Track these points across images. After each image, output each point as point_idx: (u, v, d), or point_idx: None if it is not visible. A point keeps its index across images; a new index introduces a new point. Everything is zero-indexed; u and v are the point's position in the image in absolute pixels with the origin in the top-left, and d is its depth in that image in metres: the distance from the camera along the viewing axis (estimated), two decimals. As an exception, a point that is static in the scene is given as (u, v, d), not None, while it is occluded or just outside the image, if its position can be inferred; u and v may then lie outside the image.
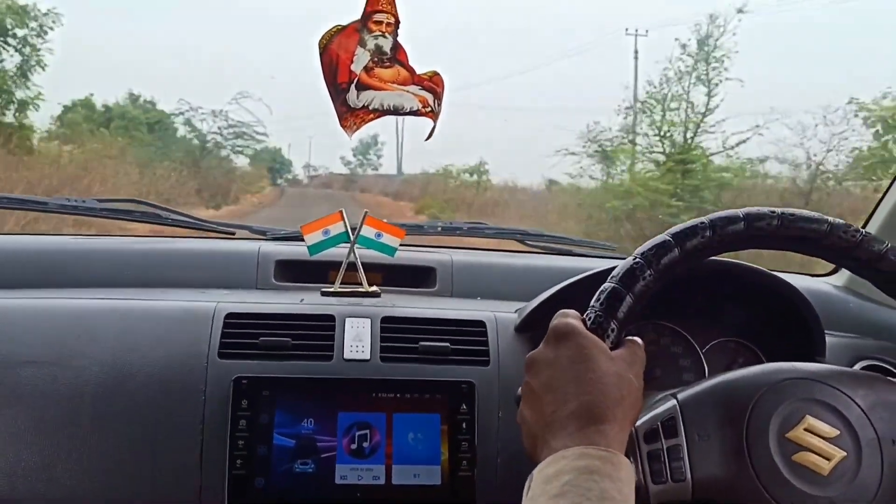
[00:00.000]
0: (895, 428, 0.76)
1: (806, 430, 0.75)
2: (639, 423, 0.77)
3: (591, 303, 0.77)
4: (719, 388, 0.80)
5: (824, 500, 0.72)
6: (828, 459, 0.74)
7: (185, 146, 15.80)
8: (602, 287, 0.78)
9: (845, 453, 0.74)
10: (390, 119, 1.19)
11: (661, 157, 10.96)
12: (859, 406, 0.77)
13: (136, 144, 14.35)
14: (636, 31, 15.44)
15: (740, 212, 0.80)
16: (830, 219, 0.80)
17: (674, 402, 0.79)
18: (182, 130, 16.35)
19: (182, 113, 15.61)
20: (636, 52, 14.77)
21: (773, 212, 0.79)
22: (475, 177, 17.26)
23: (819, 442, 0.75)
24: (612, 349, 0.74)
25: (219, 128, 15.98)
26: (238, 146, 16.60)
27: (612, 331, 0.75)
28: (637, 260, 0.78)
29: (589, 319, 0.76)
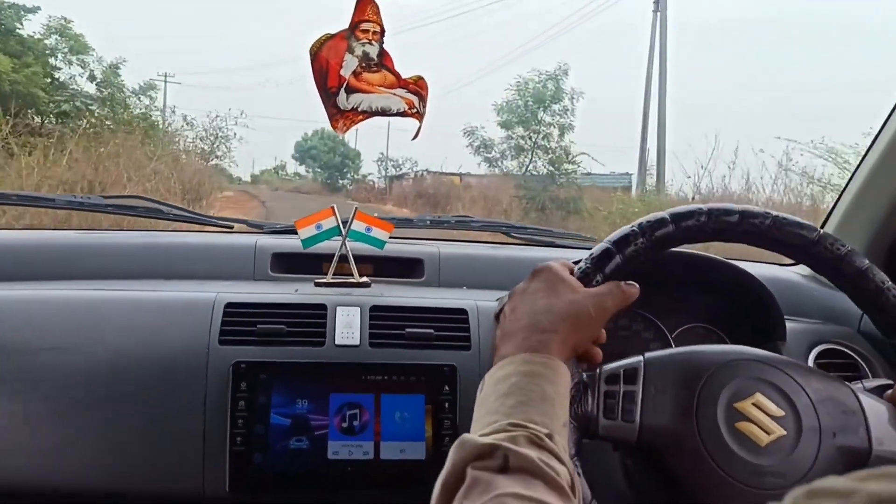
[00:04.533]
0: (839, 424, 0.79)
1: (754, 404, 0.79)
2: (604, 368, 0.82)
3: (584, 258, 0.83)
4: (683, 356, 0.85)
5: (755, 467, 0.76)
6: (767, 433, 0.78)
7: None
8: (596, 246, 0.84)
9: (785, 432, 0.78)
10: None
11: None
12: (809, 397, 0.80)
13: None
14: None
15: (738, 206, 0.85)
16: (821, 230, 0.85)
17: (640, 358, 0.84)
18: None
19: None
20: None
21: (769, 213, 0.85)
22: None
23: (763, 417, 0.78)
24: None
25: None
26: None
27: (597, 283, 0.81)
28: (633, 228, 0.83)
29: (578, 269, 0.83)
